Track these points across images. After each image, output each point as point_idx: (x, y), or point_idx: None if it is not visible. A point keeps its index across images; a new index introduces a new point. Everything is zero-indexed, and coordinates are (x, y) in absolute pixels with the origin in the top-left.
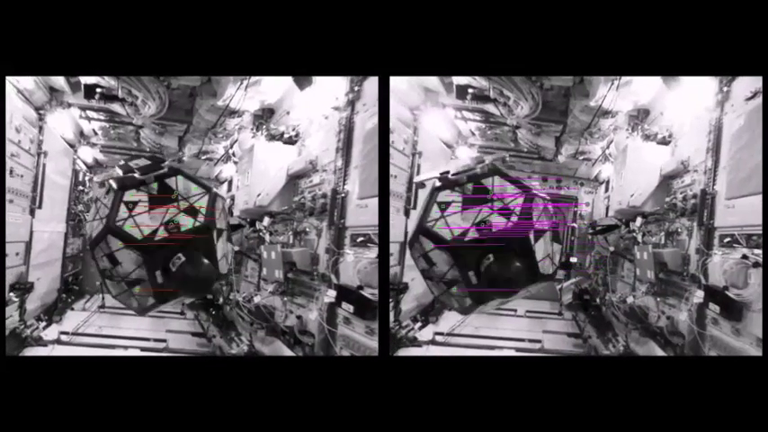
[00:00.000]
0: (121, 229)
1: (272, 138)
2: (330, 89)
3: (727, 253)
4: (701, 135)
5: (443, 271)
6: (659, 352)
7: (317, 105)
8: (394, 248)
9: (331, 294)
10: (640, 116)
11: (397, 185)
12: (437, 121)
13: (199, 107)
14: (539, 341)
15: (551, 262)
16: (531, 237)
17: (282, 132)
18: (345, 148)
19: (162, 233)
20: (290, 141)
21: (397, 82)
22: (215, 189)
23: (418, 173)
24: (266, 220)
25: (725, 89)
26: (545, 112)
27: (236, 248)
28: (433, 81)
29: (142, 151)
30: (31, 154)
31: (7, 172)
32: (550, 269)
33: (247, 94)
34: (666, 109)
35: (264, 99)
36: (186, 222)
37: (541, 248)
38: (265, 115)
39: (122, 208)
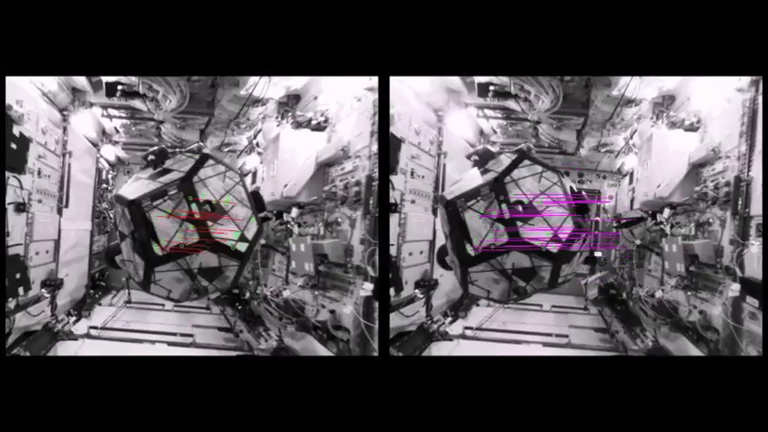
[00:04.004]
0: None
1: (298, 125)
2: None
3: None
4: (734, 118)
5: None
6: (691, 347)
7: (348, 87)
8: (423, 246)
9: (368, 288)
10: (665, 103)
11: (425, 185)
12: (460, 121)
13: (220, 98)
14: (565, 336)
15: None
16: None
17: (310, 119)
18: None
19: None
20: (319, 128)
21: (421, 84)
22: None
23: (444, 173)
24: (294, 212)
25: None
26: (566, 105)
27: (263, 241)
28: (455, 81)
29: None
30: (57, 155)
31: (35, 173)
32: None
33: (271, 80)
34: (693, 93)
35: (290, 85)
36: None
37: None
38: (291, 102)
39: None
